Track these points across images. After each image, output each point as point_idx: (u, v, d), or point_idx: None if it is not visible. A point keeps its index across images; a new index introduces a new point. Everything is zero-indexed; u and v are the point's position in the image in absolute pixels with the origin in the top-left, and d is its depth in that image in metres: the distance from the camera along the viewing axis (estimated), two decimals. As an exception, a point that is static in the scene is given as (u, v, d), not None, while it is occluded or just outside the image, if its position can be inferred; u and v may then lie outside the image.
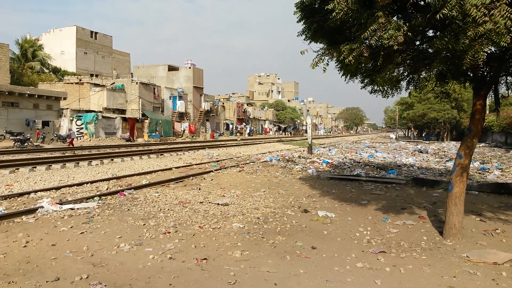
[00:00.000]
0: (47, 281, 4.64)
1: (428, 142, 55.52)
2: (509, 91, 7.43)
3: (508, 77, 7.24)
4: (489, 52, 5.95)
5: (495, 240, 6.68)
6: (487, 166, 18.65)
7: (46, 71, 52.28)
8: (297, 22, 7.07)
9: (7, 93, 31.63)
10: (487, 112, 39.42)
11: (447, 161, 21.39)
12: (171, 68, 60.16)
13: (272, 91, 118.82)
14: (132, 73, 63.92)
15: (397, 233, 7.08)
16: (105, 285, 4.55)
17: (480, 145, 40.64)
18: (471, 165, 13.72)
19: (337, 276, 5.04)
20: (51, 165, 15.85)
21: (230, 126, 69.84)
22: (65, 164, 16.44)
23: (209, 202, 9.36)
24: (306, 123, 30.01)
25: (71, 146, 27.62)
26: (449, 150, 31.59)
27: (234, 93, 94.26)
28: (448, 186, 6.90)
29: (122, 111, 45.14)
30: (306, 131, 38.40)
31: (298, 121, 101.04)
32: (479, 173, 16.21)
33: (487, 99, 7.39)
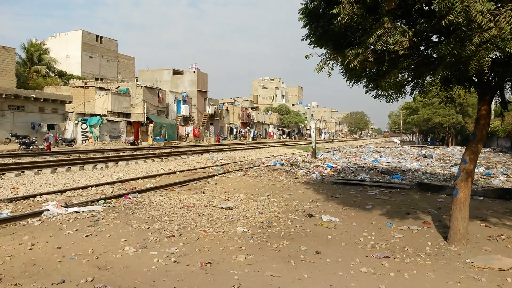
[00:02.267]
0: (52, 284, 4.67)
1: (432, 147, 55.32)
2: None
3: (513, 82, 7.23)
4: (494, 57, 5.95)
5: (500, 246, 6.65)
6: (492, 171, 18.56)
7: (52, 74, 52.59)
8: (302, 27, 7.10)
9: (13, 96, 31.85)
10: (492, 117, 39.31)
11: (452, 166, 21.30)
12: (176, 72, 60.38)
13: (276, 95, 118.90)
14: (137, 77, 64.21)
15: (401, 238, 7.06)
16: (110, 288, 4.57)
17: (485, 150, 40.43)
18: (476, 170, 13.67)
19: (341, 280, 5.03)
20: (56, 169, 15.93)
21: (234, 130, 69.92)
22: (70, 167, 16.51)
23: (213, 206, 9.37)
24: (310, 127, 30.00)
25: (48, 150, 26.10)
26: (454, 155, 31.46)
27: (238, 97, 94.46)
28: (453, 191, 6.88)
29: (127, 115, 45.32)
30: (310, 136, 38.36)
31: (302, 125, 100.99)
32: (484, 178, 16.13)
33: (492, 104, 7.38)
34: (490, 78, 6.80)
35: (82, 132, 37.18)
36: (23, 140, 26.82)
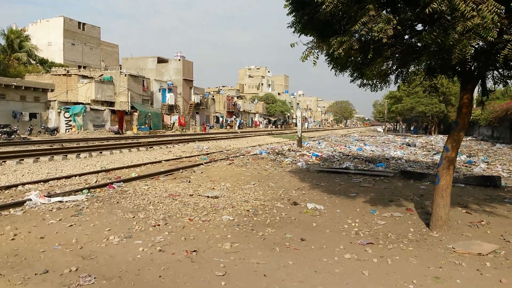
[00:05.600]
0: (35, 274, 4.62)
1: (416, 135, 56.10)
2: (496, 85, 7.54)
3: (495, 71, 7.33)
4: (476, 46, 6.02)
5: (480, 232, 6.81)
6: (473, 159, 18.93)
7: (33, 62, 51.45)
8: (287, 15, 7.06)
9: (-8, 84, 31.09)
10: (474, 106, 39.93)
11: (435, 154, 21.65)
12: (161, 60, 59.63)
13: (262, 84, 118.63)
14: (120, 65, 63.23)
15: (384, 225, 7.17)
16: (94, 278, 4.55)
17: (467, 139, 41.18)
18: (458, 158, 13.92)
19: (325, 267, 5.10)
20: (38, 158, 15.68)
21: (220, 119, 69.69)
22: (53, 156, 16.27)
23: (199, 195, 9.36)
24: (296, 116, 30.10)
25: None
26: (437, 144, 31.96)
27: (224, 86, 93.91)
28: (435, 178, 6.99)
29: (111, 104, 44.71)
30: (296, 125, 38.47)
31: (288, 114, 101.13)
32: (465, 166, 16.45)
33: (475, 93, 7.49)
34: (472, 67, 6.88)
35: (65, 121, 36.59)
36: (4, 129, 26.29)
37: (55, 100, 37.29)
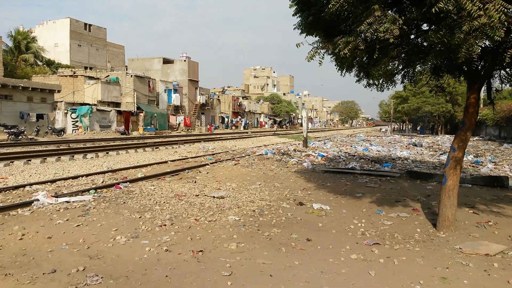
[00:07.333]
0: (43, 273, 4.66)
1: (422, 135, 55.79)
2: (503, 84, 7.49)
3: (501, 71, 7.29)
4: (483, 45, 5.98)
5: (488, 232, 6.77)
6: (480, 159, 18.80)
7: (40, 63, 51.82)
8: (293, 15, 7.06)
9: (0, 85, 31.34)
10: (481, 105, 39.67)
11: (441, 154, 21.53)
12: (166, 61, 59.80)
13: (267, 84, 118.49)
14: (126, 66, 63.49)
15: (391, 225, 7.15)
16: (101, 277, 4.57)
17: (474, 139, 40.90)
18: (464, 158, 13.84)
19: (331, 267, 5.09)
20: (46, 158, 15.79)
21: (226, 119, 69.74)
22: (60, 157, 16.38)
23: (205, 195, 9.38)
24: (302, 116, 30.06)
25: None
26: (443, 144, 31.77)
27: (229, 87, 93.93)
28: (442, 179, 6.96)
29: (117, 104, 44.92)
30: (301, 125, 38.49)
31: (294, 114, 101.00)
32: (472, 166, 16.33)
33: (481, 93, 7.45)
34: (479, 67, 6.84)
35: (72, 121, 36.82)
36: (11, 130, 26.51)
37: (61, 101, 37.54)
